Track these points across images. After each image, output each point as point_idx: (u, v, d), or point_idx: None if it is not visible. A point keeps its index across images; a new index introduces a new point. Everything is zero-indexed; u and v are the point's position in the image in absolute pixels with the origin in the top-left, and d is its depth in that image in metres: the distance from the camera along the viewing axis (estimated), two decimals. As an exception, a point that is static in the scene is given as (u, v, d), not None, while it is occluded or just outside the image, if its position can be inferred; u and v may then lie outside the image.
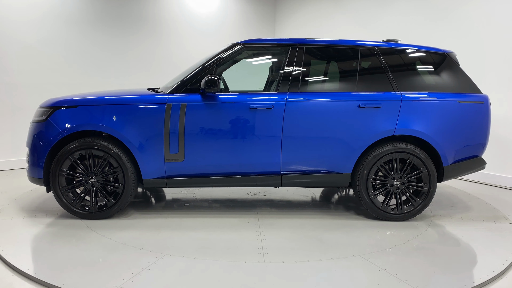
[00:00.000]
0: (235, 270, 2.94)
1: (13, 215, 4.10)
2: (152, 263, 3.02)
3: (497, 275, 2.97)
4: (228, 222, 4.00)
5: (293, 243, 3.48)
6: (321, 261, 3.14)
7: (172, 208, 4.42)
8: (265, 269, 2.97)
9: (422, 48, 4.30)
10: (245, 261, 3.10)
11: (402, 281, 2.83)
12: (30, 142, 3.96)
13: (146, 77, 7.49)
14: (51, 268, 2.94)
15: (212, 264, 3.04)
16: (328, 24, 8.09)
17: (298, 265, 3.05)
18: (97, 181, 3.90)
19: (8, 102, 6.26)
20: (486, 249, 3.48)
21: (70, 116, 3.85)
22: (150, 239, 3.50)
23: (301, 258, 3.16)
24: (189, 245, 3.37)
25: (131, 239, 3.47)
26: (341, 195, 5.17)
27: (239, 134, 3.93)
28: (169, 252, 3.23)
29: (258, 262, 3.08)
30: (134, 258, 3.10)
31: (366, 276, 2.91)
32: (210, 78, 3.78)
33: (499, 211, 4.55)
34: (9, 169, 6.30)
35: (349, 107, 3.96)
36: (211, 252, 3.25)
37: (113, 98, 3.91)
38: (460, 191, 5.41)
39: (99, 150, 3.85)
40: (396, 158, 4.02)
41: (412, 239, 3.64)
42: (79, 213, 3.94)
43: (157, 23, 7.65)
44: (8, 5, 6.08)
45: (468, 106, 4.12)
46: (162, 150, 3.89)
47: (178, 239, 3.52)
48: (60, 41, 6.61)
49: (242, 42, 4.11)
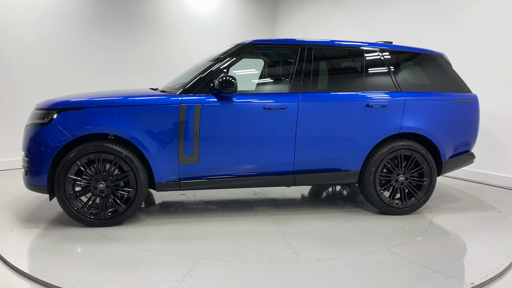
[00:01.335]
0: (278, 271, 2.94)
1: (13, 215, 4.00)
2: (190, 269, 2.93)
3: (497, 275, 2.98)
4: (243, 223, 3.97)
5: (318, 240, 3.54)
6: (354, 257, 3.22)
7: (180, 211, 4.30)
8: (306, 268, 3.00)
9: (418, 50, 4.54)
10: (283, 261, 3.11)
11: (436, 271, 3.00)
12: (29, 147, 3.66)
13: (146, 77, 7.44)
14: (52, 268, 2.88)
15: (252, 266, 3.02)
16: (328, 24, 8.11)
17: (335, 262, 3.11)
18: (106, 186, 3.70)
19: (8, 102, 6.22)
20: (486, 242, 3.77)
21: (77, 118, 3.61)
22: (174, 244, 3.38)
23: (334, 255, 3.23)
24: (218, 248, 3.32)
25: (156, 246, 3.34)
26: (329, 192, 5.32)
27: (254, 135, 3.91)
28: (201, 256, 3.15)
29: (296, 262, 3.10)
30: (169, 265, 2.99)
31: (401, 268, 3.05)
32: (226, 79, 3.72)
33: (484, 201, 4.93)
34: (9, 169, 6.24)
35: (358, 106, 4.10)
36: (245, 254, 3.22)
37: (124, 99, 3.73)
38: (447, 185, 5.78)
39: (110, 154, 3.65)
40: (401, 155, 4.22)
41: (423, 231, 3.84)
42: (87, 221, 3.71)
43: (157, 22, 7.61)
44: (8, 5, 6.04)
45: (462, 104, 4.43)
46: (176, 152, 3.78)
47: (204, 243, 3.44)
48: (60, 40, 6.58)
49: (252, 42, 4.10)
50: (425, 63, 4.52)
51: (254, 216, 4.17)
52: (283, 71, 4.38)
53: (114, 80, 7.12)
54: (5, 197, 4.70)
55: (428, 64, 4.52)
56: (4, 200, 4.56)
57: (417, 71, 4.48)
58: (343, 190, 5.38)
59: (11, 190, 4.99)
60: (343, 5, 7.86)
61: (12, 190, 4.97)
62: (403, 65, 4.44)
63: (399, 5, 6.92)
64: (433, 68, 4.51)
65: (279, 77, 4.38)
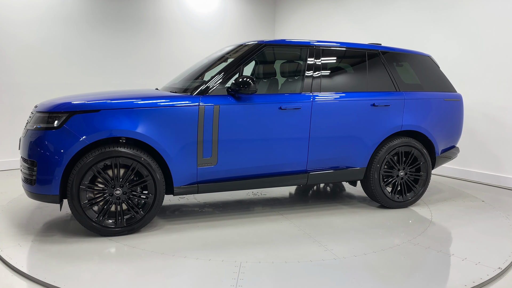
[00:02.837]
0: (325, 269, 3.00)
1: (13, 215, 4.00)
2: (238, 273, 2.89)
3: (496, 275, 3.01)
4: (261, 223, 3.97)
5: (341, 236, 3.65)
6: (384, 250, 3.37)
7: (189, 214, 4.18)
8: (350, 264, 3.09)
9: (409, 52, 4.81)
10: (322, 259, 3.17)
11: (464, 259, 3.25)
12: (36, 154, 3.37)
13: (146, 77, 7.37)
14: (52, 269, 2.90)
15: (296, 266, 3.04)
16: (328, 24, 8.09)
17: (371, 257, 3.23)
18: (123, 192, 3.52)
19: (8, 102, 6.19)
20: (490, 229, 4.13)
21: (92, 122, 3.38)
22: (205, 249, 3.31)
23: (365, 250, 3.36)
24: (252, 250, 3.30)
25: (188, 251, 3.24)
26: (314, 190, 5.48)
27: (271, 135, 3.93)
28: (240, 259, 3.12)
29: (334, 259, 3.17)
30: (214, 271, 2.93)
31: (432, 257, 3.25)
32: (245, 80, 3.69)
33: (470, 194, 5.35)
34: (9, 169, 6.23)
35: (365, 105, 4.27)
36: (282, 255, 3.23)
37: (143, 101, 3.56)
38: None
39: (127, 158, 3.47)
40: (401, 152, 4.46)
41: (429, 223, 4.11)
42: (104, 231, 3.50)
43: (156, 23, 7.52)
44: (8, 5, 6.01)
45: (451, 103, 4.78)
46: (195, 155, 3.69)
47: (234, 245, 3.40)
48: (60, 41, 6.52)
49: (264, 43, 4.10)
50: (416, 64, 4.80)
51: (267, 216, 4.18)
52: (294, 71, 4.43)
53: (114, 80, 7.05)
54: (5, 197, 4.66)
55: (418, 65, 4.81)
56: (4, 200, 4.52)
57: (410, 71, 4.76)
58: (327, 187, 5.54)
59: (11, 190, 4.95)
60: (343, 5, 7.85)
61: (12, 190, 4.93)
62: (399, 66, 4.68)
63: (398, 5, 6.92)
64: (423, 68, 4.81)
65: (291, 77, 4.42)
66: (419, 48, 5.90)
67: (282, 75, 4.47)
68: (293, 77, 4.37)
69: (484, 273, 3.00)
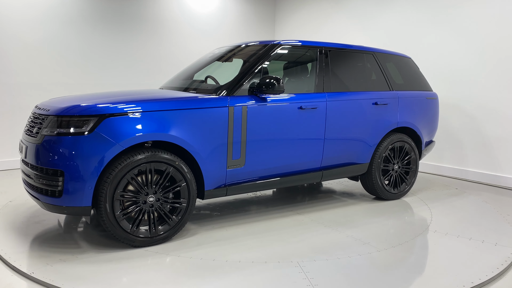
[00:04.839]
0: (377, 263, 3.16)
1: (14, 215, 4.00)
2: (303, 272, 2.92)
3: (496, 275, 3.00)
4: (283, 221, 4.01)
5: (366, 230, 3.84)
6: (414, 239, 3.64)
7: (209, 217, 4.07)
8: (394, 256, 3.29)
9: (394, 53, 5.18)
10: (369, 252, 3.33)
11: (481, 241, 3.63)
12: (62, 163, 3.04)
13: (146, 77, 7.27)
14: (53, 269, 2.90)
15: (350, 261, 3.15)
16: (328, 24, 8.00)
17: (405, 247, 3.47)
18: (157, 199, 3.33)
19: (8, 102, 6.13)
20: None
21: (126, 125, 3.15)
22: (252, 251, 3.28)
23: (394, 243, 3.58)
24: (297, 249, 3.34)
25: (235, 255, 3.18)
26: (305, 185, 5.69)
27: (293, 135, 3.99)
28: (295, 259, 3.14)
29: (378, 251, 3.35)
30: (280, 272, 2.92)
31: (465, 245, 3.58)
32: (270, 81, 3.69)
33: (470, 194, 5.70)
34: (9, 169, 6.17)
35: (368, 104, 4.52)
36: (330, 251, 3.32)
37: (174, 102, 3.39)
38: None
39: (162, 163, 3.29)
40: (397, 147, 4.80)
41: (433, 217, 4.50)
42: (139, 241, 3.28)
43: (156, 23, 7.41)
44: (8, 5, 5.97)
45: (431, 101, 5.25)
46: (225, 156, 3.62)
47: (278, 245, 3.41)
48: (60, 40, 6.45)
49: (279, 43, 4.12)
50: (400, 65, 5.19)
51: (283, 213, 4.25)
52: (308, 71, 4.50)
53: (114, 80, 6.95)
54: (5, 197, 4.67)
55: (402, 66, 5.20)
56: (4, 200, 4.52)
57: (396, 72, 5.13)
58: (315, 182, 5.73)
59: (11, 190, 4.94)
60: (343, 5, 7.79)
61: (12, 190, 4.92)
62: (389, 66, 5.02)
63: (398, 5, 6.91)
64: (406, 69, 5.21)
65: (304, 77, 4.50)
66: (419, 48, 6.32)
67: (295, 75, 4.54)
68: (307, 77, 4.46)
69: (483, 274, 2.99)
